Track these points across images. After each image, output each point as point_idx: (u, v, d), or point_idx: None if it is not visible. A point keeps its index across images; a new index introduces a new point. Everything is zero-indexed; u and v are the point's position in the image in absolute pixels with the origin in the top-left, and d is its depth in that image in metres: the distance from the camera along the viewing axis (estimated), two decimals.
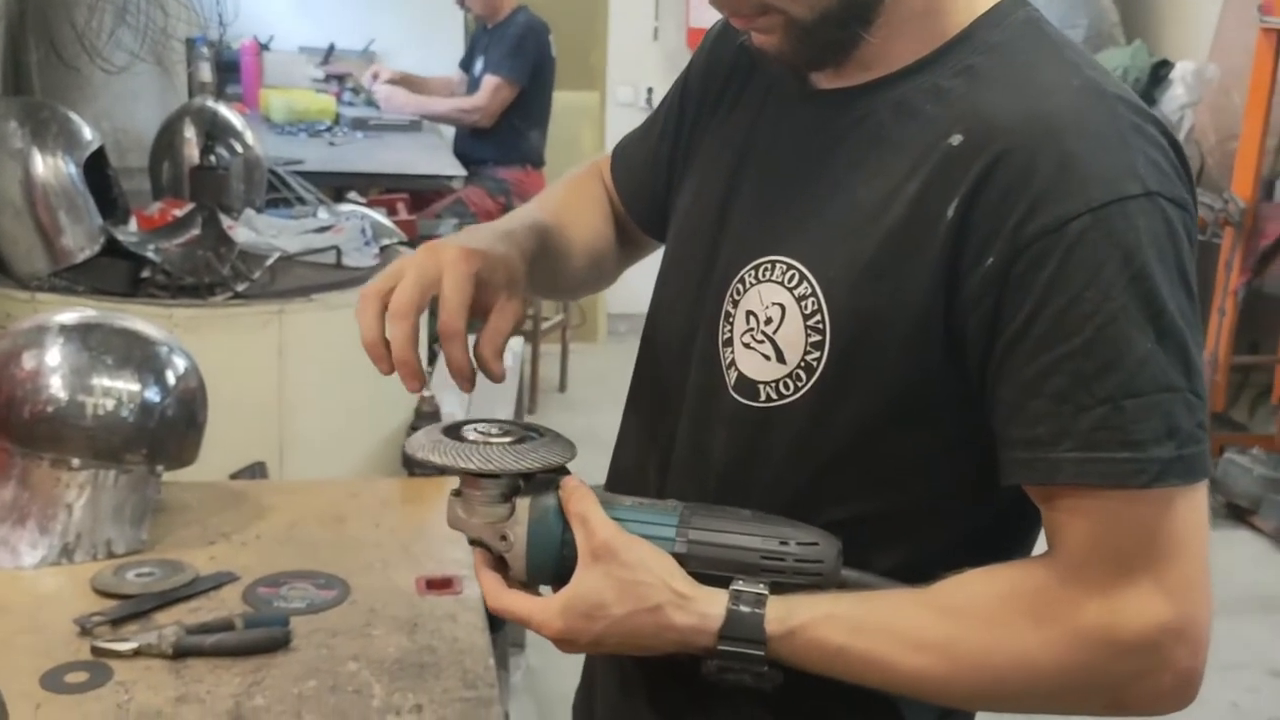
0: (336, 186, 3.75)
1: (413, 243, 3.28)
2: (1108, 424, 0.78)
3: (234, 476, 2.05)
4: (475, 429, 0.93)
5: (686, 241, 1.04)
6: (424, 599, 1.47)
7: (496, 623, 1.43)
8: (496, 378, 0.95)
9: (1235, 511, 4.27)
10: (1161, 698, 0.83)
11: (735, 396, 0.93)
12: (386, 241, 2.76)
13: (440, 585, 1.50)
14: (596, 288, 1.26)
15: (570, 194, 1.20)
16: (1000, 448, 0.84)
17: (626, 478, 1.08)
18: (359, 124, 4.82)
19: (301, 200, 3.09)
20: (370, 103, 5.14)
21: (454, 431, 0.94)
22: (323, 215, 2.80)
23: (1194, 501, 0.81)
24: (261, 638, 1.32)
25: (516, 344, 3.24)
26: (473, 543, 0.94)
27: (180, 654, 1.29)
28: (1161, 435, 0.79)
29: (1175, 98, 4.86)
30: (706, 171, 1.04)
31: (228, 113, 2.82)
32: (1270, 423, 4.76)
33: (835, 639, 0.85)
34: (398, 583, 1.50)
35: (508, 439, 0.93)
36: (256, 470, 2.15)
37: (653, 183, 1.14)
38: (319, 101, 4.90)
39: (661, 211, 1.13)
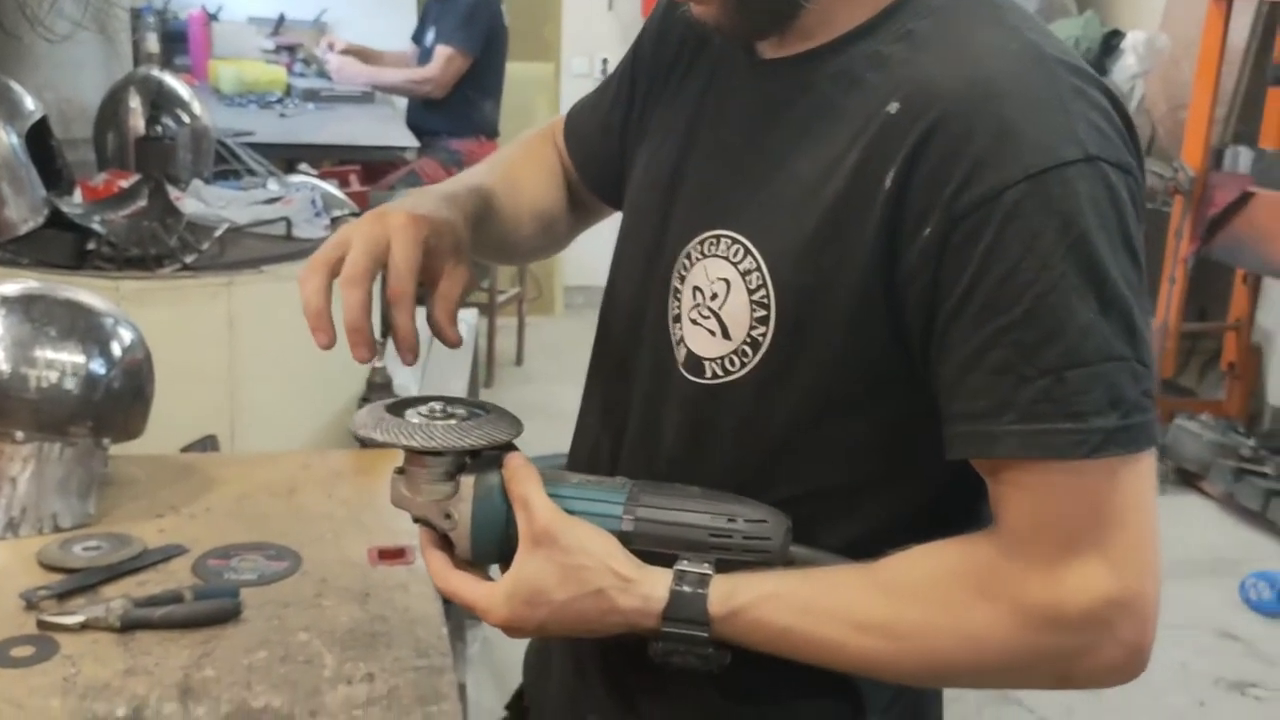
0: (287, 158, 3.72)
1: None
2: (1050, 395, 0.77)
3: (185, 450, 2.03)
4: (420, 406, 0.92)
5: (638, 216, 1.03)
6: (376, 569, 1.46)
7: None
8: (453, 342, 0.94)
9: (1184, 477, 4.33)
10: (1109, 671, 0.81)
11: (684, 374, 0.92)
12: (338, 213, 2.72)
13: (392, 555, 1.49)
14: (548, 252, 1.25)
15: (521, 157, 1.18)
16: (944, 422, 0.82)
17: (584, 455, 1.08)
18: (310, 95, 4.77)
19: (251, 172, 3.05)
20: (322, 74, 5.08)
21: (398, 409, 0.92)
22: (272, 186, 2.76)
23: (1140, 471, 0.79)
24: (211, 609, 1.31)
25: (471, 316, 3.22)
26: (417, 520, 0.93)
27: (128, 627, 1.28)
28: (1105, 405, 0.77)
29: (1126, 67, 4.89)
30: (658, 144, 1.03)
31: (174, 82, 2.78)
32: (1219, 388, 4.83)
33: (780, 619, 0.84)
34: (349, 553, 1.49)
35: (452, 417, 0.92)
36: (207, 444, 2.12)
37: (604, 149, 1.13)
38: (269, 73, 4.84)
39: (614, 177, 1.12)
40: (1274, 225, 4.14)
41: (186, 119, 2.71)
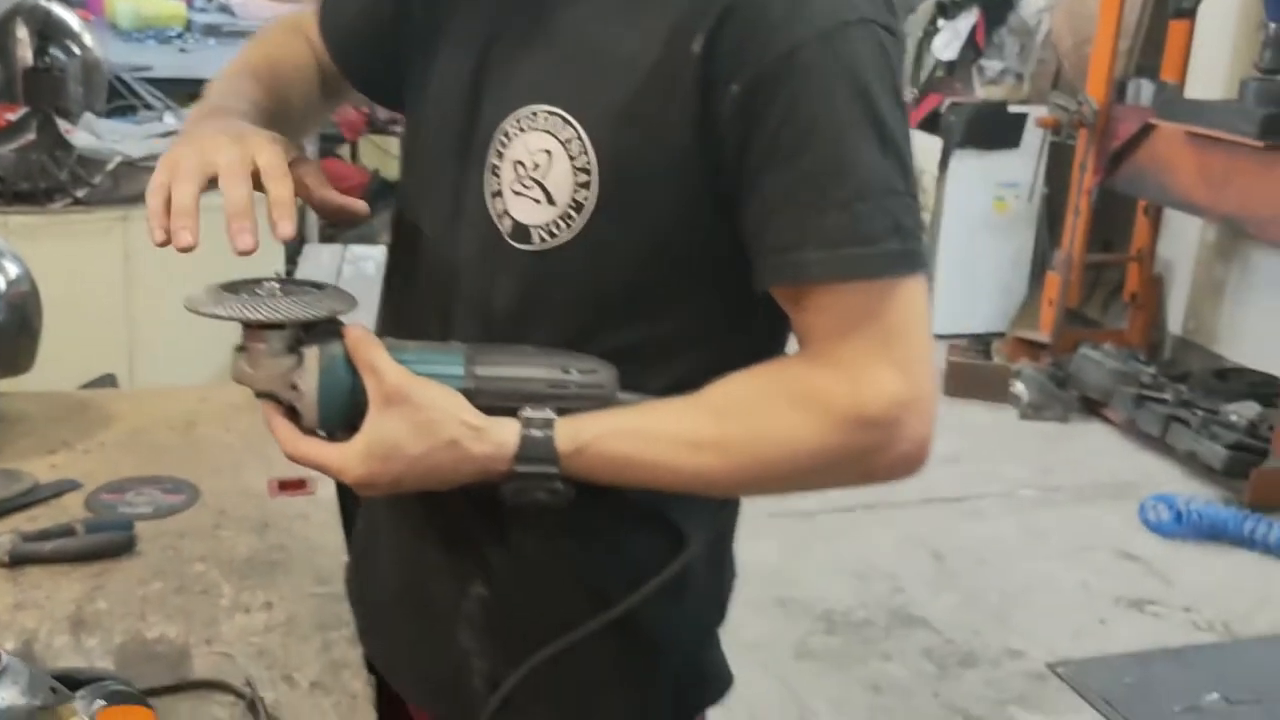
0: (188, 94, 3.61)
1: None
2: (845, 225, 0.87)
3: (82, 389, 1.99)
4: (254, 286, 0.94)
5: (444, 105, 1.04)
6: (276, 500, 1.44)
7: (353, 521, 1.42)
8: (362, 211, 1.01)
9: (1088, 404, 4.44)
10: (902, 464, 0.92)
11: (511, 244, 0.96)
12: None
13: (293, 486, 1.47)
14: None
15: (276, 57, 1.18)
16: (754, 258, 0.91)
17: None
18: (211, 30, 4.64)
19: (148, 106, 2.98)
20: (223, 8, 4.95)
21: (233, 289, 0.94)
22: (169, 120, 2.70)
23: (917, 291, 0.90)
24: (103, 542, 1.29)
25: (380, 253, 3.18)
26: (260, 395, 0.95)
27: (17, 561, 1.25)
28: (890, 232, 0.87)
29: (1033, 1, 4.94)
30: (460, 34, 1.04)
31: (63, 12, 2.70)
32: (1122, 319, 4.94)
33: (620, 449, 0.92)
34: (249, 485, 1.48)
35: (288, 294, 0.94)
36: (106, 382, 2.09)
37: (366, 31, 1.14)
38: (169, 7, 4.70)
39: (377, 63, 1.13)
40: (1174, 157, 4.23)
41: (77, 50, 2.63)
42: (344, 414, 0.93)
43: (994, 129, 5.05)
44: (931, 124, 5.21)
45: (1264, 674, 2.91)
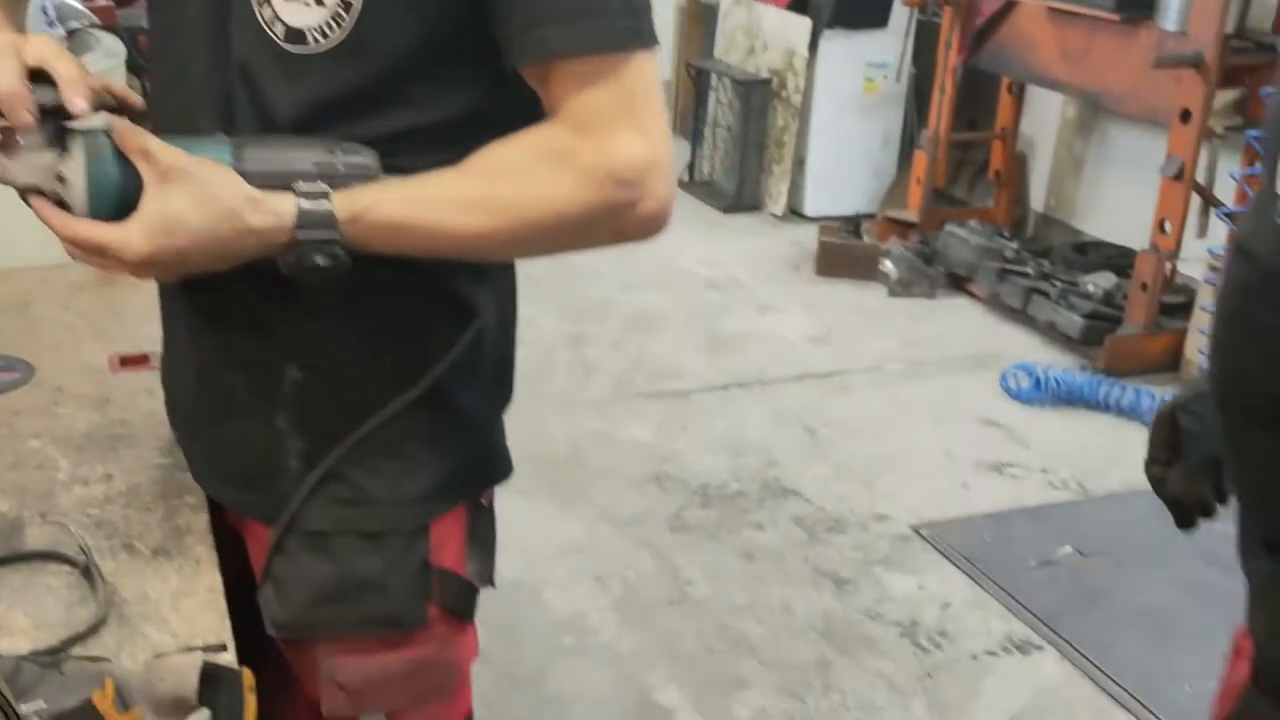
0: None
1: (112, 29, 3.04)
2: (581, 2, 0.95)
3: None
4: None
5: None
6: (117, 376, 1.41)
7: None
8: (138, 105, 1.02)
9: (954, 280, 4.54)
10: (649, 221, 1.00)
11: (286, 47, 0.98)
12: (75, 24, 2.55)
13: (135, 362, 1.44)
14: None
15: None
16: (505, 42, 0.97)
17: None
18: None
19: None
20: None
21: None
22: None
23: (651, 65, 0.98)
24: None
25: None
26: (25, 190, 0.94)
27: None
28: (622, 10, 0.96)
29: None
30: None
31: None
32: (987, 197, 5.04)
33: (395, 215, 0.97)
34: (89, 361, 1.43)
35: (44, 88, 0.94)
36: None
37: None
38: None
39: None
40: (1036, 33, 4.28)
41: None
42: (115, 202, 0.93)
43: (862, 8, 5.06)
44: (801, 5, 5.19)
45: (1114, 527, 3.05)
